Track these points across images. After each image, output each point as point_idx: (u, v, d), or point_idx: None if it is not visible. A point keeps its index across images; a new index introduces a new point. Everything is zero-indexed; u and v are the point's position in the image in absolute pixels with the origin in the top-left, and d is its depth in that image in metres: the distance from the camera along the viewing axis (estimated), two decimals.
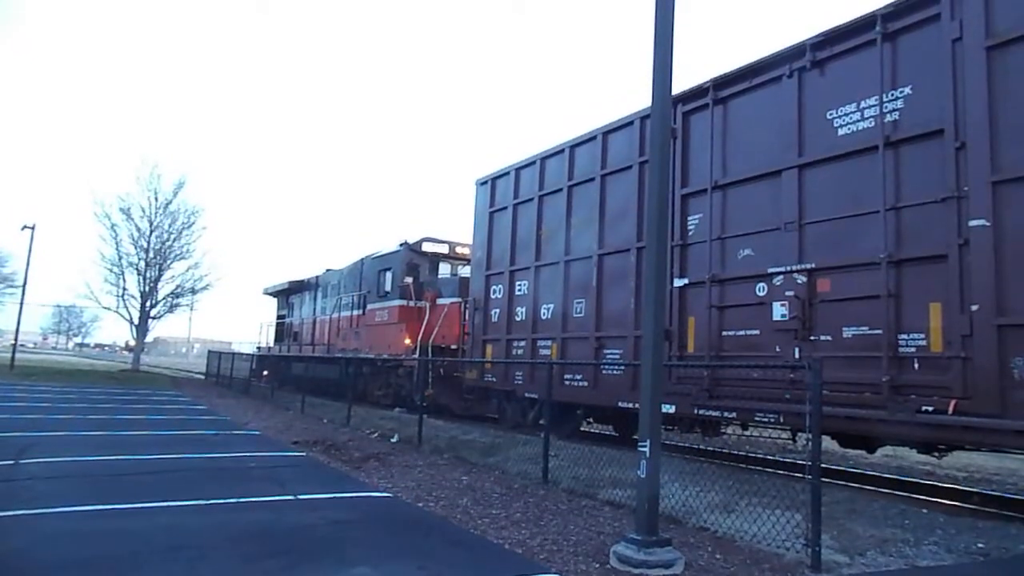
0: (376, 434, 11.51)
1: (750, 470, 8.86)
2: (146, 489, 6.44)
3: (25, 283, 30.95)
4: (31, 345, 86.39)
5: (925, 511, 6.55)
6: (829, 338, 7.35)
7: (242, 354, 28.48)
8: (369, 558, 4.50)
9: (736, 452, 10.66)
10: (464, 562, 4.66)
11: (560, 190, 11.71)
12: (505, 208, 13.18)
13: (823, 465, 5.14)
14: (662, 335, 5.04)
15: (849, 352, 7.14)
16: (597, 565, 4.53)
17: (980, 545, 5.29)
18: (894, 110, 7.08)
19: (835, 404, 7.08)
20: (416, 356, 15.15)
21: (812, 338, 7.50)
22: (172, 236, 35.70)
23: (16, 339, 31.60)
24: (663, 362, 5.15)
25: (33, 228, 29.72)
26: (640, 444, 4.72)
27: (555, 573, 4.38)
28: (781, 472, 8.48)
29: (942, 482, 9.01)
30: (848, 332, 7.18)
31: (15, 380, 22.26)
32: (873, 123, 7.23)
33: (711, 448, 10.95)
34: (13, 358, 28.95)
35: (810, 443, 4.77)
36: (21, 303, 31.34)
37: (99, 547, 4.57)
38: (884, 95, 7.13)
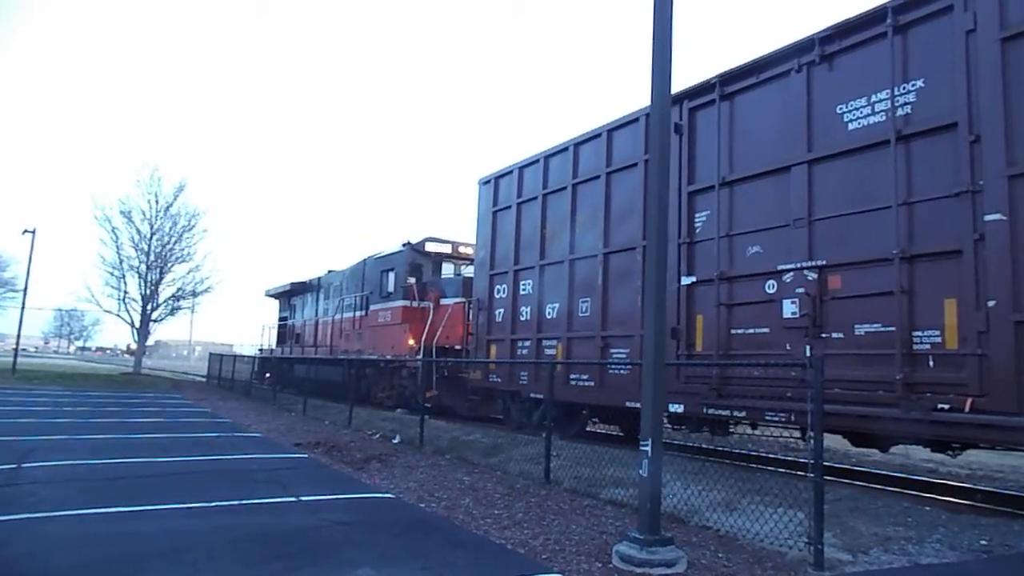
0: (378, 435, 11.49)
1: (752, 468, 8.77)
2: (149, 492, 6.41)
3: (26, 287, 30.92)
4: (33, 349, 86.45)
5: (928, 509, 6.52)
6: (841, 335, 7.24)
7: (243, 356, 28.35)
8: (372, 559, 4.50)
9: (738, 451, 10.60)
10: (466, 563, 4.64)
11: (564, 188, 11.61)
12: (508, 207, 13.07)
13: (825, 463, 5.05)
14: (663, 335, 5.01)
15: (861, 350, 7.03)
16: (600, 564, 4.51)
17: (983, 542, 5.26)
18: (906, 104, 6.97)
19: (847, 402, 7.01)
20: (419, 357, 15.04)
21: (823, 335, 7.39)
22: (173, 239, 35.71)
23: (18, 343, 31.58)
24: (664, 362, 5.10)
25: (34, 232, 29.68)
26: (642, 443, 4.70)
27: (558, 573, 4.35)
28: (783, 471, 8.43)
29: (945, 480, 8.95)
30: (860, 329, 7.07)
31: (17, 384, 22.17)
32: (884, 117, 7.12)
33: (713, 447, 10.93)
34: (15, 362, 28.91)
35: (813, 441, 4.73)
36: (22, 307, 31.27)
37: (102, 550, 4.55)
38: (895, 89, 7.02)
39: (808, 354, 7.39)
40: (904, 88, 6.99)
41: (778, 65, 8.33)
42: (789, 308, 7.73)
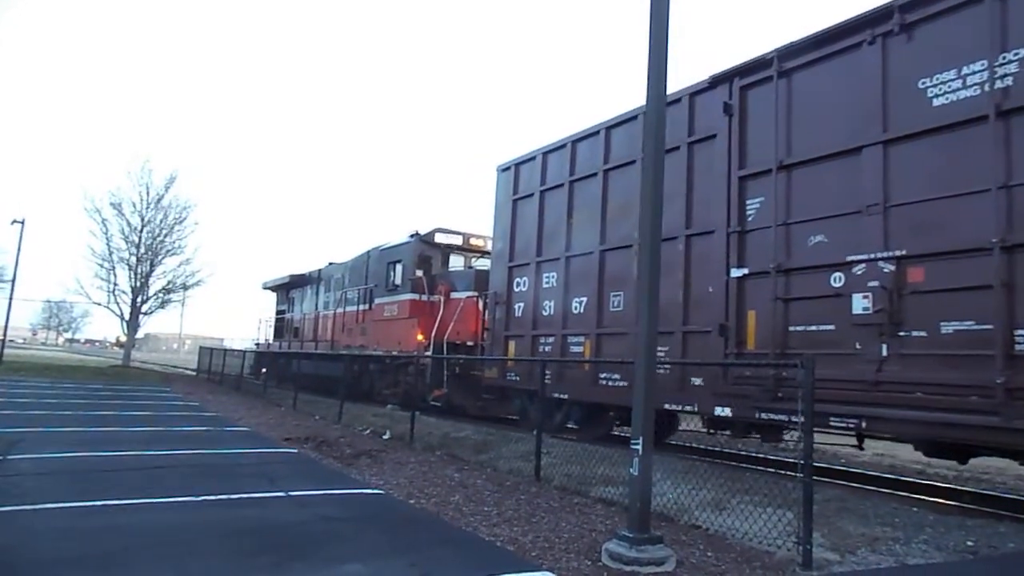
0: (368, 431, 11.28)
1: (742, 468, 8.56)
2: (136, 486, 6.23)
3: (14, 278, 30.25)
4: (20, 340, 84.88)
5: (915, 509, 6.42)
6: (923, 334, 6.44)
7: (234, 350, 27.51)
8: (360, 555, 4.45)
9: (728, 450, 10.46)
10: (456, 559, 4.58)
11: (594, 175, 10.81)
12: (531, 195, 12.25)
13: (814, 464, 5.00)
14: (655, 335, 4.93)
15: (949, 350, 6.24)
16: (589, 562, 4.48)
17: (969, 543, 5.20)
18: (1006, 75, 6.18)
19: (929, 408, 6.25)
20: (429, 353, 14.21)
21: (901, 334, 6.60)
22: (164, 231, 34.94)
23: (5, 334, 30.65)
24: (656, 361, 4.89)
25: (23, 223, 28.89)
26: (632, 442, 4.70)
27: (547, 570, 4.31)
28: (772, 470, 8.10)
29: (932, 481, 8.77)
30: (948, 327, 6.28)
31: (3, 375, 21.41)
32: (978, 91, 6.35)
33: (703, 446, 10.72)
34: (1, 353, 28.02)
35: (802, 442, 4.70)
36: (10, 298, 30.63)
37: (88, 544, 4.46)
38: (994, 59, 6.26)
39: (884, 354, 6.68)
40: (1004, 58, 6.21)
41: (846, 37, 7.56)
42: (860, 303, 6.94)
